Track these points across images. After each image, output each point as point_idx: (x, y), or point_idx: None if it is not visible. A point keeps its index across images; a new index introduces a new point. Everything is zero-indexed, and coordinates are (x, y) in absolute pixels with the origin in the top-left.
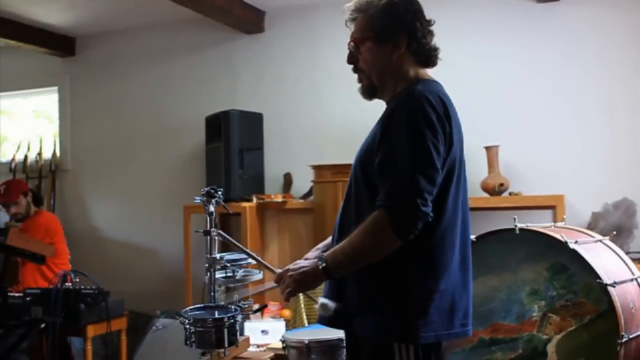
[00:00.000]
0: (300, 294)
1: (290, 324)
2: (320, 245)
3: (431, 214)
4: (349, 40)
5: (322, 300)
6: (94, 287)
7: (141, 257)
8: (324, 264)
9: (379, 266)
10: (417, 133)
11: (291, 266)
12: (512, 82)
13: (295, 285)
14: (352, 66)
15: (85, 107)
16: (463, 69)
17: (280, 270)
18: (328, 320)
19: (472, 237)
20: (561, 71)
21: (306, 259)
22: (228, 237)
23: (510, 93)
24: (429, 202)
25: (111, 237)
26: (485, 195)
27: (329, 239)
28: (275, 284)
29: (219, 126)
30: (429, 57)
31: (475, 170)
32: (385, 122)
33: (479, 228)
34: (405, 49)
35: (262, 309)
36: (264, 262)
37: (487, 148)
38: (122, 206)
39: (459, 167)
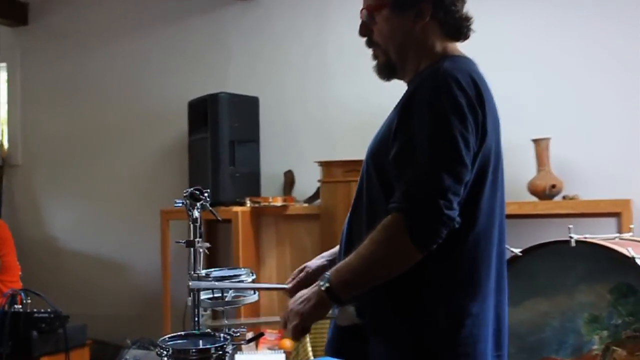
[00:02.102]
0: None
1: (292, 357)
2: (326, 253)
3: (458, 219)
4: (361, 7)
5: (339, 308)
6: (49, 310)
7: (108, 274)
8: (328, 284)
9: (397, 285)
10: (441, 120)
11: (291, 302)
12: (566, 60)
13: (301, 319)
14: (365, 39)
15: (39, 88)
16: (502, 44)
17: (282, 286)
18: (345, 343)
19: (517, 250)
20: (627, 48)
21: (307, 271)
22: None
23: (564, 73)
24: (454, 204)
25: (71, 248)
26: (534, 199)
27: (337, 247)
28: (280, 321)
29: (204, 113)
30: (459, 28)
31: (521, 168)
32: (403, 106)
33: (526, 239)
34: (430, 18)
35: (257, 338)
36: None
37: (535, 141)
38: (85, 211)
39: (495, 164)
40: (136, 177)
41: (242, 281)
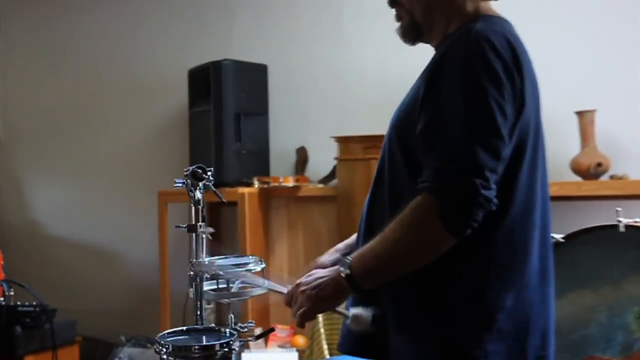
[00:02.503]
0: (320, 315)
1: (306, 356)
2: (340, 245)
3: (495, 200)
4: None
5: (354, 311)
6: (34, 303)
7: (99, 263)
8: (348, 271)
9: (421, 273)
10: (474, 87)
11: (304, 279)
12: (615, 22)
13: (311, 303)
14: None
15: (20, 56)
16: (543, 4)
17: (289, 288)
18: (362, 341)
19: (559, 236)
20: None
21: (321, 267)
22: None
23: (613, 37)
24: (491, 183)
25: (58, 234)
26: (577, 178)
27: (353, 237)
28: (285, 295)
29: (206, 82)
30: None
31: (563, 145)
32: (431, 73)
33: (568, 224)
34: None
35: (266, 333)
36: (266, 283)
37: (579, 114)
38: (73, 193)
39: (535, 137)
40: (130, 154)
41: (250, 270)
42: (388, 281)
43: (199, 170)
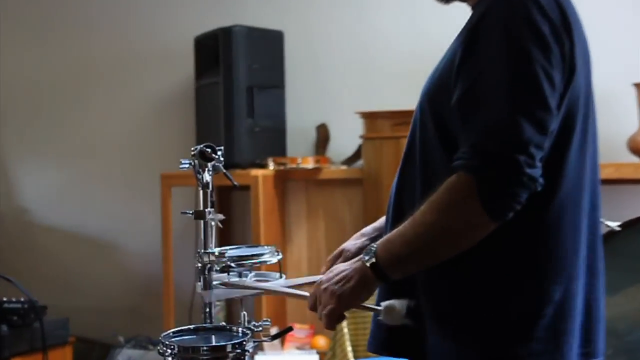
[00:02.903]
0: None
1: (327, 359)
2: (368, 229)
3: (541, 180)
4: None
5: (385, 303)
6: (22, 299)
7: (95, 255)
8: (374, 260)
9: (457, 262)
10: (518, 52)
11: (324, 277)
12: None
13: (337, 301)
14: None
15: (6, 21)
16: None
17: (308, 294)
18: (395, 339)
19: (614, 224)
20: None
21: (345, 256)
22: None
23: None
24: (537, 160)
25: (49, 223)
26: (635, 159)
27: (382, 219)
28: (307, 300)
29: (216, 52)
30: None
31: (618, 121)
32: (468, 36)
33: (625, 210)
34: None
35: (283, 333)
36: (282, 286)
37: (637, 86)
38: (65, 177)
39: (585, 110)
40: (129, 133)
41: (265, 262)
42: (419, 270)
43: (207, 149)
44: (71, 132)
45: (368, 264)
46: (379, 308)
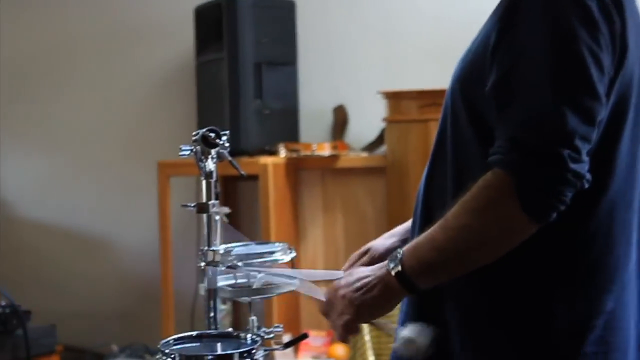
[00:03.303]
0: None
1: None
2: (399, 229)
3: (588, 176)
4: None
5: (404, 333)
6: (3, 303)
7: (85, 253)
8: (399, 268)
9: (493, 270)
10: (562, 32)
11: (343, 280)
12: None
13: (355, 312)
14: None
15: None
16: None
17: (323, 296)
18: None
19: None
20: None
21: (371, 255)
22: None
23: None
24: (583, 154)
25: (33, 218)
26: None
27: (411, 221)
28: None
29: (219, 23)
30: None
31: None
32: (505, 12)
33: None
34: None
35: (297, 341)
36: (297, 282)
37: None
38: (50, 166)
39: (639, 96)
40: (121, 116)
41: (276, 261)
42: (450, 279)
43: (211, 134)
44: (56, 116)
45: (393, 273)
46: (394, 330)
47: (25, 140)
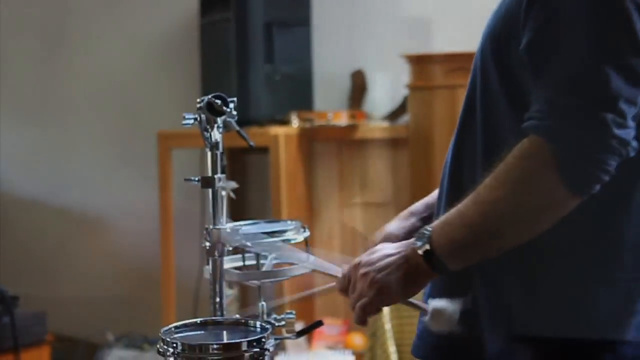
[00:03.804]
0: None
1: None
2: (418, 206)
3: (634, 143)
4: None
5: (433, 304)
6: None
7: (78, 233)
8: (427, 246)
9: (530, 249)
10: None
11: (365, 257)
12: None
13: (376, 292)
14: None
15: None
16: None
17: (343, 269)
18: (448, 344)
19: None
20: None
21: (389, 238)
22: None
23: None
24: (628, 119)
25: (20, 195)
26: None
27: (434, 194)
28: (337, 284)
29: None
30: None
31: None
32: None
33: None
34: None
35: (311, 329)
36: (311, 260)
37: None
38: (39, 137)
39: None
40: (119, 81)
41: (288, 241)
42: (482, 259)
43: (217, 101)
44: (46, 82)
45: (421, 252)
46: (425, 307)
47: (12, 109)
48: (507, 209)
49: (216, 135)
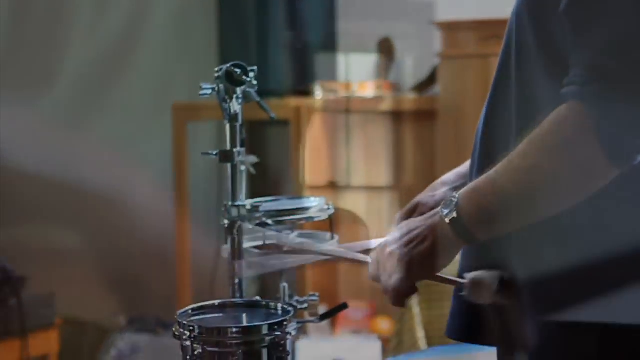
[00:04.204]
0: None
1: (393, 347)
2: (450, 175)
3: None
4: None
5: (470, 275)
6: None
7: (87, 211)
8: (455, 214)
9: (565, 221)
10: None
11: (391, 236)
12: None
13: (406, 269)
14: None
15: None
16: None
17: (368, 257)
18: (483, 323)
19: None
20: None
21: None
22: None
23: None
24: None
25: (26, 169)
26: None
27: (467, 165)
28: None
29: None
30: None
31: None
32: None
33: None
34: None
35: (335, 312)
36: (334, 247)
37: None
38: (44, 108)
39: None
40: (131, 50)
41: (311, 219)
42: (512, 230)
43: (237, 69)
44: (54, 50)
45: (447, 220)
46: (462, 281)
47: (15, 78)
48: (541, 177)
49: (235, 106)
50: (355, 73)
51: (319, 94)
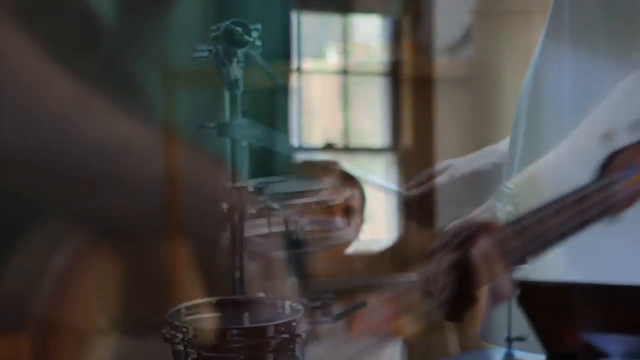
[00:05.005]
0: None
1: (419, 353)
2: (489, 149)
3: None
4: None
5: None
6: None
7: (69, 192)
8: (510, 207)
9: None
10: None
11: (435, 243)
12: None
13: (459, 275)
14: None
15: None
16: None
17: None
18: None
19: None
20: None
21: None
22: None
23: None
24: None
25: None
26: None
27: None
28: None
29: None
30: None
31: None
32: None
33: None
34: None
35: (351, 311)
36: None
37: None
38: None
39: None
40: (112, 6)
41: (324, 202)
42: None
43: (237, 28)
44: (37, 8)
45: (502, 215)
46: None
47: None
48: None
49: (236, 71)
50: (373, 33)
51: (331, 56)
